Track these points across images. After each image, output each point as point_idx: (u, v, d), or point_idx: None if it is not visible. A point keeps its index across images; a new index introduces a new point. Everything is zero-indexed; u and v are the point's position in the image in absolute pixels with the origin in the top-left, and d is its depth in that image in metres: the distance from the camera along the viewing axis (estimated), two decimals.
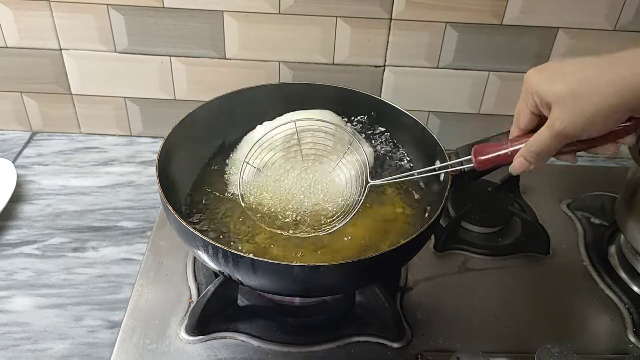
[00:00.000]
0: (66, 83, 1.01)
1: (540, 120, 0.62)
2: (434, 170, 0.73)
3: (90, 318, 0.74)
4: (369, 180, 0.75)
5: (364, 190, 0.74)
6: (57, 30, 0.95)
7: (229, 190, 0.80)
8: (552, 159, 1.10)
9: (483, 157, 0.66)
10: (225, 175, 0.82)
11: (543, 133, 0.59)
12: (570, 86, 0.55)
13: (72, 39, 0.96)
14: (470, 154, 0.67)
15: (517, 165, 0.63)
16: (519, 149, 0.63)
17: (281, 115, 0.82)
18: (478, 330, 0.74)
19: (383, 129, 0.86)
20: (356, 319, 0.73)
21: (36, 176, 0.97)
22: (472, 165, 0.67)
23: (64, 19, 0.94)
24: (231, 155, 0.84)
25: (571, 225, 0.92)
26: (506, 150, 0.64)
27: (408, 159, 0.85)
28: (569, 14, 0.93)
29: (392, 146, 0.87)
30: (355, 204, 0.74)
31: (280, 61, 0.98)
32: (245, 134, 0.85)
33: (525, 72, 0.61)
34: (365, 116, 0.86)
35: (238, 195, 0.75)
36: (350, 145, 0.79)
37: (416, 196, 0.82)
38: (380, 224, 0.78)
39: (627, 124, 0.56)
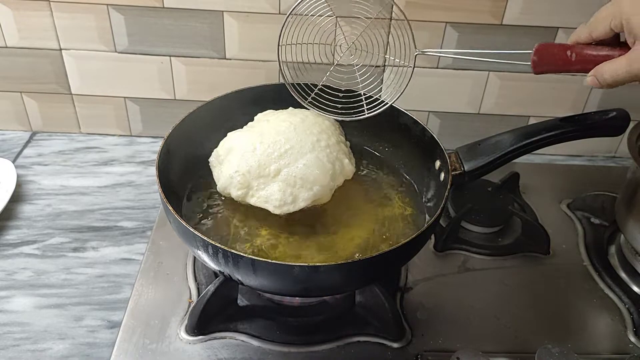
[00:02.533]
0: (66, 83, 1.01)
1: (615, 35, 0.60)
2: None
3: (90, 318, 0.74)
4: (416, 48, 0.73)
5: (414, 60, 0.73)
6: (57, 30, 0.95)
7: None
8: (550, 157, 1.11)
9: (544, 64, 0.65)
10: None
11: (620, 66, 0.57)
12: None
13: (72, 39, 0.96)
14: None
15: (590, 82, 0.62)
16: (586, 60, 0.61)
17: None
18: (478, 330, 0.74)
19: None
20: (356, 319, 0.73)
21: (36, 176, 0.97)
22: (529, 64, 0.65)
23: (64, 19, 0.94)
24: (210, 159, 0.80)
25: (571, 225, 0.92)
26: (571, 56, 0.63)
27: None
28: (569, 14, 0.93)
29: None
30: (405, 75, 0.73)
31: (280, 61, 0.98)
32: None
33: (525, 72, 0.61)
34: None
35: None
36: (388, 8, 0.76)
37: (416, 196, 0.82)
38: (380, 224, 0.78)
39: None
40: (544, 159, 1.08)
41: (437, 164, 0.78)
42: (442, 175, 0.76)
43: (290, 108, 0.80)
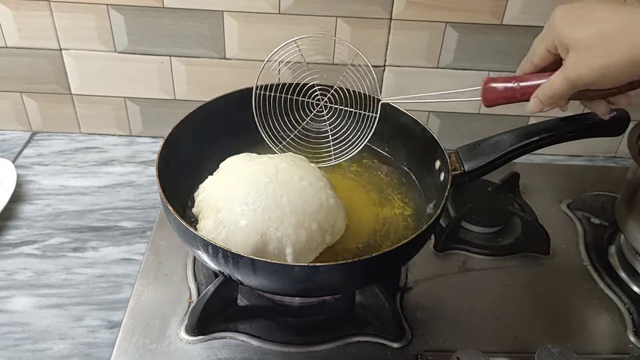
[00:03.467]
0: (66, 83, 1.01)
1: (554, 60, 0.62)
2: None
3: (90, 318, 0.74)
4: (380, 97, 0.75)
5: (377, 108, 0.76)
6: (57, 30, 0.95)
7: None
8: (550, 157, 1.11)
9: (491, 95, 0.67)
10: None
11: (556, 77, 0.59)
12: (591, 35, 0.55)
13: (72, 39, 0.96)
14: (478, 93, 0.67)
15: (532, 105, 0.63)
16: (529, 86, 0.63)
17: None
18: (478, 330, 0.74)
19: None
20: (356, 319, 0.73)
21: (36, 176, 0.97)
22: (479, 99, 0.67)
23: (64, 19, 0.94)
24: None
25: (571, 225, 0.92)
26: (515, 86, 0.65)
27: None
28: None
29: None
30: (371, 123, 0.76)
31: (280, 61, 0.98)
32: (245, 135, 0.85)
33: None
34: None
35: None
36: (354, 58, 0.78)
37: (416, 196, 0.82)
38: (380, 224, 0.78)
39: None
40: (544, 159, 1.08)
41: (437, 164, 0.78)
42: (442, 175, 0.76)
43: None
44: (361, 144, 0.81)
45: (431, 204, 0.79)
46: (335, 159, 0.83)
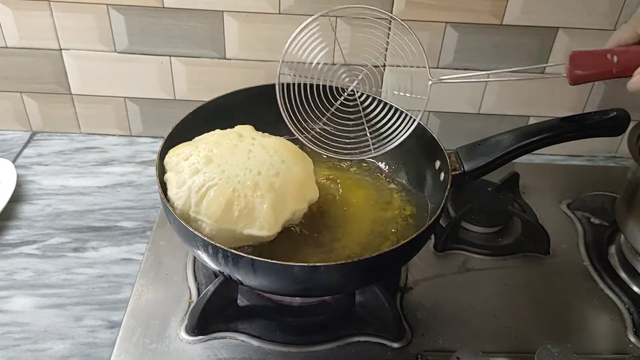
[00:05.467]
0: (66, 83, 1.01)
1: None
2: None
3: (90, 318, 0.74)
4: (430, 77, 0.69)
5: (428, 90, 0.70)
6: (57, 30, 0.95)
7: None
8: (550, 157, 1.11)
9: (581, 72, 0.60)
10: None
11: None
12: None
13: (72, 39, 0.96)
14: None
15: (637, 82, 0.57)
16: (632, 59, 0.56)
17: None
18: (478, 330, 0.74)
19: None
20: (356, 319, 0.73)
21: (36, 176, 0.97)
22: (565, 76, 0.61)
23: (64, 19, 0.94)
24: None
25: (571, 225, 0.92)
26: (611, 59, 0.58)
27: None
28: (569, 14, 0.93)
29: None
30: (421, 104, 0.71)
31: (280, 61, 0.98)
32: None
33: (525, 73, 0.59)
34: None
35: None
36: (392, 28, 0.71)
37: (416, 196, 0.82)
38: (380, 224, 0.78)
39: None
40: (544, 159, 1.08)
41: (437, 164, 0.78)
42: (442, 175, 0.76)
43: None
44: (405, 134, 0.74)
45: (431, 204, 0.79)
46: (374, 150, 0.76)
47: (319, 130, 0.77)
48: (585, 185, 0.98)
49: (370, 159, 0.88)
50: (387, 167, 0.87)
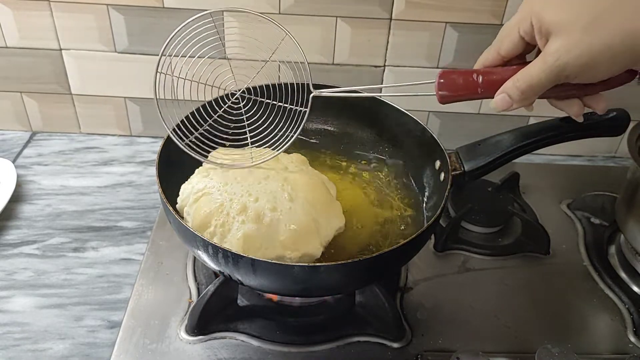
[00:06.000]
0: (66, 83, 1.01)
1: (525, 49, 0.55)
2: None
3: (90, 318, 0.74)
4: (312, 89, 0.66)
5: (308, 102, 0.67)
6: (57, 30, 0.95)
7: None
8: (550, 157, 1.11)
9: (447, 89, 0.59)
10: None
11: (535, 67, 0.52)
12: (580, 17, 0.48)
13: (72, 39, 0.96)
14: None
15: (498, 102, 0.56)
16: (494, 79, 0.56)
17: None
18: (478, 330, 0.74)
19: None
20: (356, 319, 0.73)
21: (36, 176, 0.97)
22: (434, 94, 0.60)
23: (64, 19, 0.94)
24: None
25: (571, 225, 0.92)
26: (476, 79, 0.58)
27: None
28: None
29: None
30: (300, 118, 0.67)
31: (280, 61, 0.98)
32: (245, 136, 0.85)
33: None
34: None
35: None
36: (281, 41, 0.68)
37: (416, 196, 0.82)
38: (380, 224, 0.78)
39: (622, 74, 0.52)
40: (544, 159, 1.08)
41: (437, 164, 0.78)
42: (442, 175, 0.76)
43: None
44: (283, 146, 0.71)
45: (431, 204, 0.79)
46: (253, 160, 0.71)
47: (198, 135, 0.72)
48: (585, 185, 0.98)
49: (371, 159, 0.88)
50: (386, 167, 0.87)
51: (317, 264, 0.61)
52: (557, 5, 0.51)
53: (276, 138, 0.72)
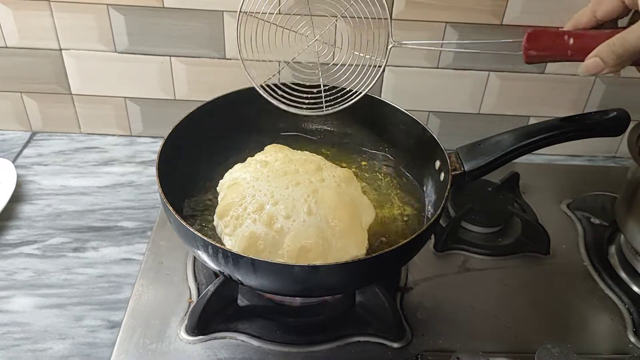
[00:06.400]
0: (66, 83, 1.01)
1: (622, 13, 0.55)
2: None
3: (91, 318, 0.74)
4: (392, 40, 0.66)
5: (387, 53, 0.66)
6: (57, 30, 0.95)
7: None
8: (550, 157, 1.11)
9: (536, 52, 0.59)
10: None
11: (632, 31, 0.52)
12: None
13: (72, 39, 0.96)
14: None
15: (590, 66, 0.56)
16: (587, 42, 0.56)
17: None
18: (478, 330, 0.74)
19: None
20: (356, 319, 0.73)
21: (36, 176, 0.97)
22: (520, 54, 0.59)
23: (64, 19, 0.94)
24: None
25: (571, 225, 0.92)
26: (567, 40, 0.57)
27: None
28: (569, 13, 0.92)
29: None
30: (377, 69, 0.67)
31: (280, 61, 0.98)
32: (244, 135, 0.85)
33: (525, 72, 0.59)
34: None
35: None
36: None
37: (416, 196, 0.82)
38: (380, 224, 0.78)
39: None
40: (544, 159, 1.08)
41: (437, 164, 0.78)
42: (442, 175, 0.76)
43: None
44: (357, 96, 0.72)
45: (431, 204, 0.79)
46: (326, 107, 0.73)
47: (278, 83, 0.75)
48: (585, 185, 0.98)
49: (371, 159, 0.88)
50: (386, 166, 0.87)
51: (317, 264, 0.61)
52: None
53: (347, 91, 0.72)
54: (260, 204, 0.67)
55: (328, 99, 0.73)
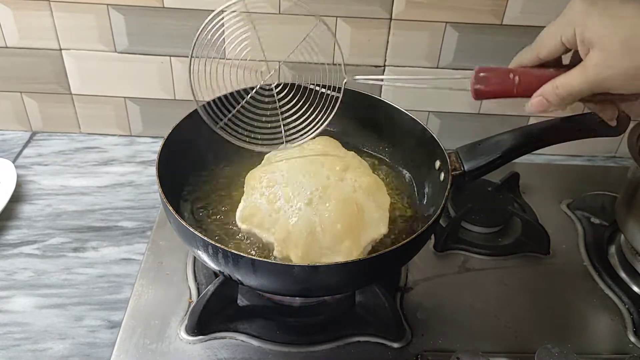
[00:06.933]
0: (66, 83, 1.01)
1: (563, 52, 0.56)
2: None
3: (90, 318, 0.74)
4: (344, 75, 0.66)
5: (342, 89, 0.67)
6: (57, 30, 0.95)
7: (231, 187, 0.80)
8: (550, 157, 1.11)
9: (483, 88, 0.60)
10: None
11: (574, 76, 0.53)
12: (624, 33, 0.49)
13: (72, 39, 0.96)
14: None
15: (535, 104, 0.57)
16: (531, 82, 0.57)
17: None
18: (478, 330, 0.74)
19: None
20: (356, 319, 0.73)
21: (36, 176, 0.97)
22: (469, 90, 0.61)
23: (64, 19, 0.94)
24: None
25: (571, 225, 0.92)
26: (513, 79, 0.59)
27: None
28: None
29: None
30: (332, 104, 0.68)
31: (280, 61, 0.98)
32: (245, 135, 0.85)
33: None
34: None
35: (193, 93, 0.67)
36: (314, 27, 0.68)
37: (416, 196, 0.82)
38: None
39: None
40: (544, 159, 1.08)
41: (437, 164, 0.78)
42: (442, 175, 0.76)
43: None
44: (317, 129, 0.71)
45: (431, 204, 0.79)
46: (287, 142, 0.72)
47: (231, 117, 0.73)
48: (585, 185, 0.98)
49: (370, 161, 0.88)
50: (386, 167, 0.87)
51: (317, 264, 0.61)
52: (602, 17, 0.51)
53: (308, 125, 0.72)
54: (273, 182, 0.70)
55: (288, 132, 0.73)
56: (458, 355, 0.67)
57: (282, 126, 0.73)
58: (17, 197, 0.91)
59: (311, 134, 0.72)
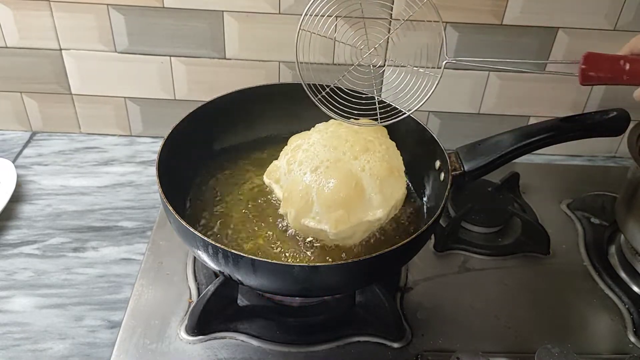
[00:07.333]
0: (66, 83, 1.01)
1: None
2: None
3: (90, 318, 0.74)
4: (446, 56, 0.68)
5: (442, 68, 0.68)
6: (57, 30, 0.95)
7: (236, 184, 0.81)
8: (550, 157, 1.11)
9: (594, 73, 0.61)
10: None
11: None
12: None
13: (72, 39, 0.96)
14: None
15: None
16: None
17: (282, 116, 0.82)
18: (478, 330, 0.74)
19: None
20: (356, 319, 0.73)
21: (36, 176, 0.97)
22: (576, 75, 0.62)
23: (64, 19, 0.94)
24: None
25: (571, 225, 0.92)
26: (623, 65, 0.59)
27: None
28: (569, 14, 0.93)
29: None
30: (431, 83, 0.69)
31: (280, 61, 0.98)
32: (245, 135, 0.85)
33: (525, 72, 0.59)
34: None
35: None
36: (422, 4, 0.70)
37: (416, 196, 0.82)
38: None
39: None
40: (544, 159, 1.08)
41: (437, 164, 0.78)
42: (442, 175, 0.76)
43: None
44: (410, 111, 0.73)
45: (431, 204, 0.79)
46: (381, 121, 0.75)
47: (329, 91, 0.76)
48: (585, 185, 0.98)
49: None
50: None
51: (317, 264, 0.61)
52: None
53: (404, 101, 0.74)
54: (298, 147, 0.74)
55: (382, 111, 0.76)
56: (458, 355, 0.67)
57: (376, 103, 0.76)
58: (17, 197, 0.91)
59: (405, 113, 0.74)
